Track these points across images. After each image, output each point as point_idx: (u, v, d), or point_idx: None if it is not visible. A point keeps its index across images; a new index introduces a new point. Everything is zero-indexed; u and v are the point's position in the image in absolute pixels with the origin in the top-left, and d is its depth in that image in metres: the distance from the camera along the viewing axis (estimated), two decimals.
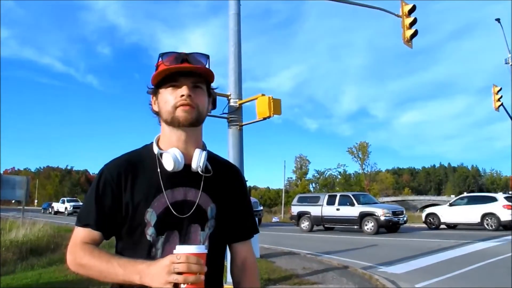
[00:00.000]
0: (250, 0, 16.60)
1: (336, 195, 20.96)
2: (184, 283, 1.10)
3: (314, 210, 20.73)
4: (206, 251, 1.16)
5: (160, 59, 1.37)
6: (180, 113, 1.34)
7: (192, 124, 1.36)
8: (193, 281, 1.10)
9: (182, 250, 1.13)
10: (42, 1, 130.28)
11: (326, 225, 20.93)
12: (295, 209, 22.05)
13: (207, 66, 1.40)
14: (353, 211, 18.98)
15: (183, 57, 1.35)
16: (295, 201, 22.95)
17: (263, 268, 8.32)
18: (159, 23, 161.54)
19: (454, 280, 7.71)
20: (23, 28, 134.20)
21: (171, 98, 1.35)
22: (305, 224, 21.14)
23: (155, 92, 1.41)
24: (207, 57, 1.41)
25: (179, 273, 1.10)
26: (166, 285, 1.11)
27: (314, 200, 21.46)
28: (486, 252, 11.08)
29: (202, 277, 1.12)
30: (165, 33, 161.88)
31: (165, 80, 1.35)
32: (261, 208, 28.83)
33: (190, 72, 1.35)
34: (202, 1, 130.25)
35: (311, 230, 20.83)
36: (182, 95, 1.33)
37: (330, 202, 20.29)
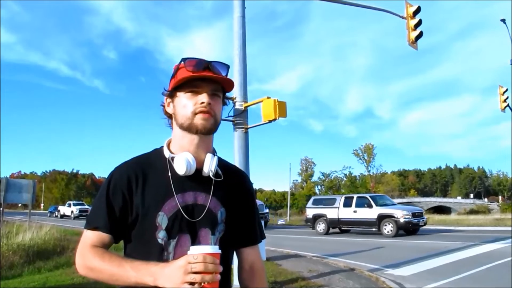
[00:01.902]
0: (256, 0, 16.56)
1: (353, 197, 20.23)
2: (201, 283, 1.11)
3: (330, 213, 20.19)
4: (220, 251, 1.18)
5: (182, 63, 1.37)
6: (199, 121, 1.34)
7: (209, 132, 1.38)
8: (210, 280, 1.11)
9: (197, 250, 1.15)
10: (48, 5, 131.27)
11: (343, 228, 20.29)
12: (310, 212, 21.40)
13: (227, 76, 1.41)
14: (371, 213, 18.45)
15: (205, 65, 1.35)
16: (310, 203, 22.24)
17: (269, 271, 8.30)
18: (164, 26, 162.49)
19: (461, 282, 7.66)
20: (29, 32, 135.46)
21: (190, 104, 1.35)
22: (321, 227, 20.63)
23: (171, 94, 1.41)
24: (227, 67, 1.41)
25: (196, 273, 1.11)
26: (182, 285, 1.11)
27: (330, 202, 20.87)
28: (493, 254, 11.02)
29: (218, 276, 1.14)
30: (170, 36, 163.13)
31: (185, 84, 1.36)
32: (267, 210, 28.61)
33: (210, 79, 1.36)
34: (207, 4, 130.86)
35: (327, 232, 20.26)
36: (202, 102, 1.34)
37: (347, 204, 19.75)
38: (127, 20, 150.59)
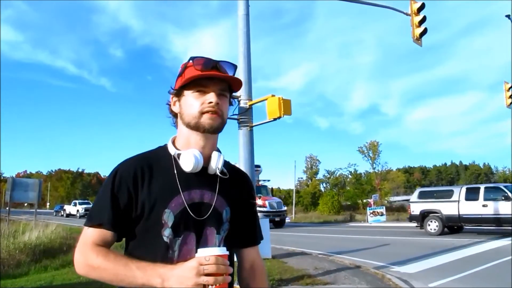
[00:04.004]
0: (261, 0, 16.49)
1: (479, 188, 15.97)
2: (213, 284, 1.11)
3: (447, 208, 16.10)
4: (228, 253, 1.17)
5: (190, 62, 1.36)
6: (206, 120, 1.34)
7: (215, 131, 1.38)
8: (222, 282, 1.12)
9: (206, 252, 1.14)
10: (55, 4, 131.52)
11: (466, 226, 16.43)
12: (416, 207, 17.29)
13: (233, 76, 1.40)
14: (510, 208, 14.37)
15: (213, 64, 1.34)
16: (414, 197, 18.09)
17: (274, 268, 8.32)
18: (170, 24, 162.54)
19: (468, 279, 7.63)
20: (36, 31, 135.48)
21: (197, 103, 1.34)
22: (432, 226, 16.52)
23: (178, 93, 1.40)
24: (235, 67, 1.40)
25: (208, 275, 1.11)
26: (195, 286, 1.11)
27: (444, 195, 16.76)
28: (500, 251, 10.98)
29: (229, 277, 1.14)
30: (176, 34, 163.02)
31: (192, 83, 1.34)
32: (285, 208, 26.98)
33: (218, 79, 1.35)
34: (212, 2, 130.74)
35: (442, 233, 16.10)
36: (210, 102, 1.33)
37: (471, 196, 15.65)
38: (133, 18, 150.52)
